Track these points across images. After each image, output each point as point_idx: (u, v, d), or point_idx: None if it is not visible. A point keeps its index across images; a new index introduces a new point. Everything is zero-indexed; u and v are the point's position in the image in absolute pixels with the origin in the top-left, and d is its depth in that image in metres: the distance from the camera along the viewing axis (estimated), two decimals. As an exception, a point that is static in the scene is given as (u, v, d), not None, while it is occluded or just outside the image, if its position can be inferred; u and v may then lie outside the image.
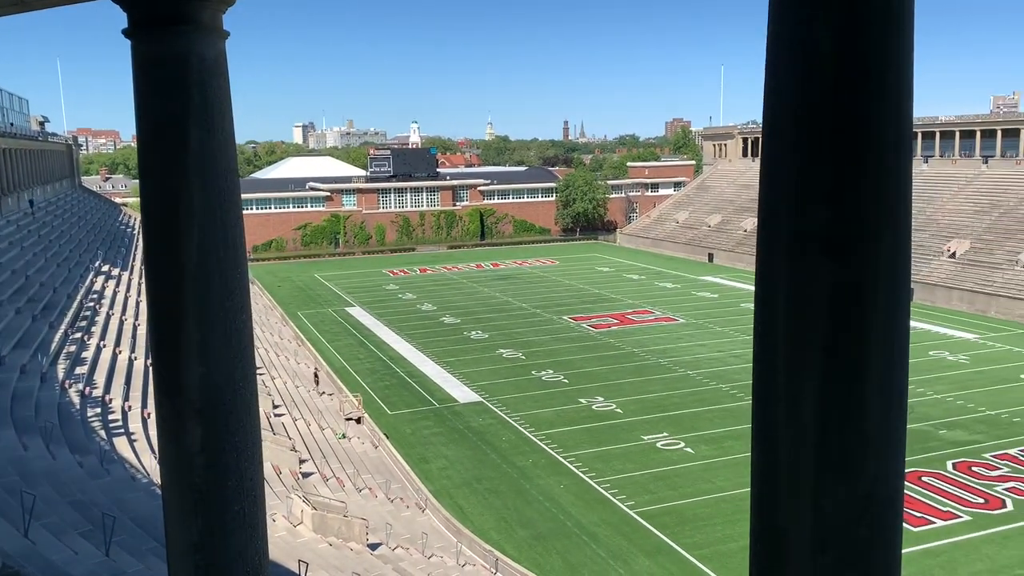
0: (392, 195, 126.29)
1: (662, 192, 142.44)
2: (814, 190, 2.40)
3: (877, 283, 2.34)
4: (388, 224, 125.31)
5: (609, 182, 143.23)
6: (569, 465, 37.91)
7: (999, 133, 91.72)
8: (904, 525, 12.70)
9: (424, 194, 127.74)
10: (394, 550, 26.42)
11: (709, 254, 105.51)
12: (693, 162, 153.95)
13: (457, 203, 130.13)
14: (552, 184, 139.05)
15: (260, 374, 43.77)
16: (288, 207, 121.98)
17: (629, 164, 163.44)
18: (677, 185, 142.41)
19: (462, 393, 49.59)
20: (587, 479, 36.26)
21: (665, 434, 41.52)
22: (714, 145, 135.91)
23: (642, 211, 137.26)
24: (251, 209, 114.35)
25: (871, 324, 2.33)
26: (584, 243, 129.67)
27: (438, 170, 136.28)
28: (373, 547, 25.86)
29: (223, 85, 4.91)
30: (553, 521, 32.35)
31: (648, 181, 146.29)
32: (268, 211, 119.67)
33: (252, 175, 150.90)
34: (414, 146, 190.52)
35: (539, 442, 40.97)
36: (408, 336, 65.21)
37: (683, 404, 46.36)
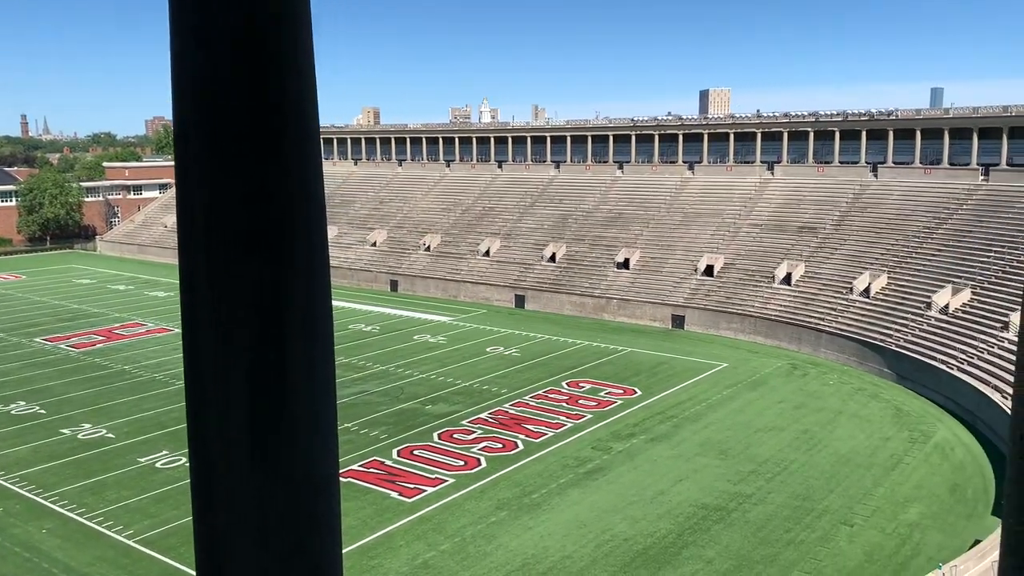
0: None
1: (146, 195, 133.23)
2: (228, 190, 2.35)
3: (296, 280, 2.40)
4: None
5: (84, 184, 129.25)
6: (52, 505, 33.43)
7: (456, 140, 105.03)
8: (400, 498, 13.74)
9: None
10: None
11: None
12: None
13: None
14: (12, 187, 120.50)
15: None
16: None
17: (106, 165, 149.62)
18: (163, 187, 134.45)
19: (-101, 444, 40.35)
20: (76, 517, 32.39)
21: (164, 452, 39.07)
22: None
23: (124, 215, 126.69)
24: None
25: (293, 318, 2.38)
26: (58, 253, 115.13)
27: None
28: None
29: None
30: (34, 572, 28.22)
31: (130, 183, 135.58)
32: None
33: None
34: None
35: (11, 486, 35.34)
36: None
37: (183, 418, 43.99)
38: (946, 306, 55.22)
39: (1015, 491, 3.19)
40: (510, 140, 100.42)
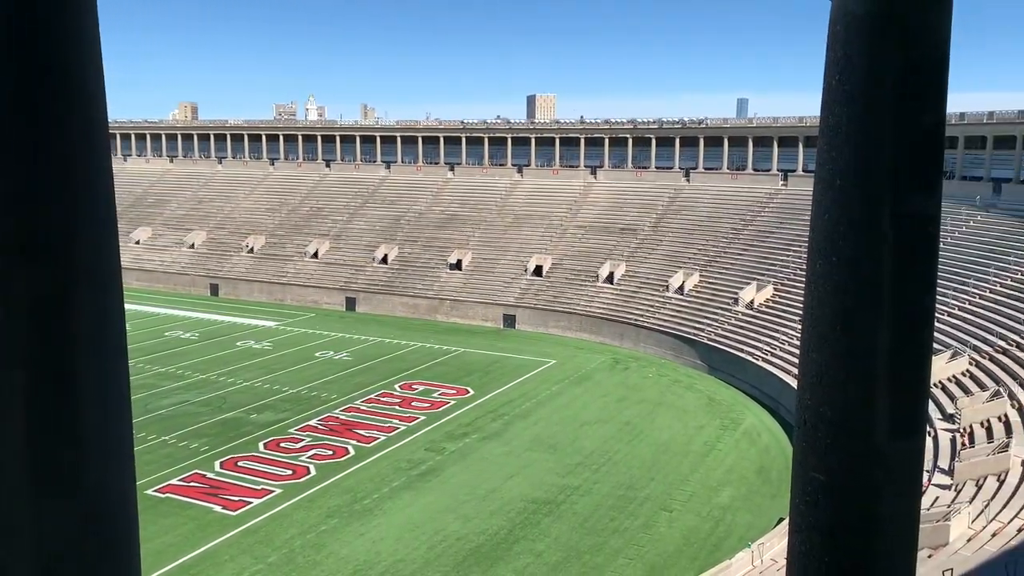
0: None
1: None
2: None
3: (81, 286, 2.22)
4: None
5: None
6: None
7: (281, 138, 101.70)
8: (224, 511, 13.03)
9: None
10: None
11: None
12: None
13: None
14: None
15: None
16: None
17: None
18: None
19: None
20: None
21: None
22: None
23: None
24: None
25: (78, 329, 2.20)
26: None
27: None
28: None
29: None
30: None
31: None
32: None
33: None
34: None
35: None
36: None
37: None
38: (751, 302, 59.56)
39: (799, 473, 3.47)
40: (338, 139, 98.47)
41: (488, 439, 41.63)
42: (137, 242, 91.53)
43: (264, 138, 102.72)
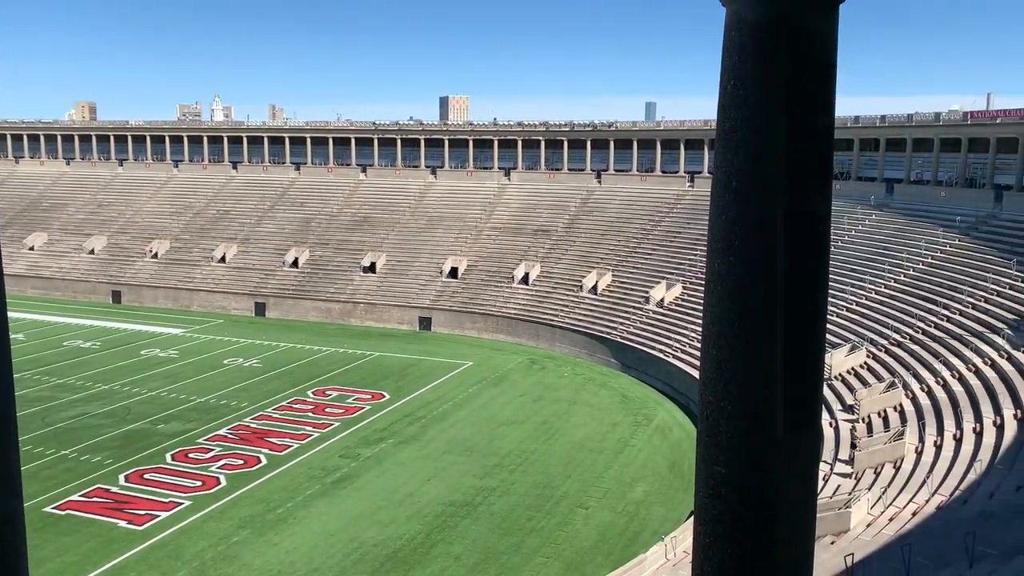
0: None
1: None
2: None
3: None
4: None
5: None
6: None
7: (186, 139, 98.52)
8: (129, 526, 12.52)
9: None
10: None
11: None
12: None
13: None
14: None
15: None
16: None
17: None
18: None
19: None
20: None
21: None
22: None
23: None
24: None
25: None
26: None
27: None
28: None
29: None
30: None
31: None
32: None
33: None
34: None
35: None
36: None
37: None
38: (661, 300, 60.90)
39: (702, 466, 3.56)
40: (245, 140, 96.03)
41: (404, 443, 41.31)
42: (32, 248, 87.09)
43: (167, 139, 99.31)
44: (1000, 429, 30.21)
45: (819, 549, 24.20)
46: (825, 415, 38.16)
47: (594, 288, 66.63)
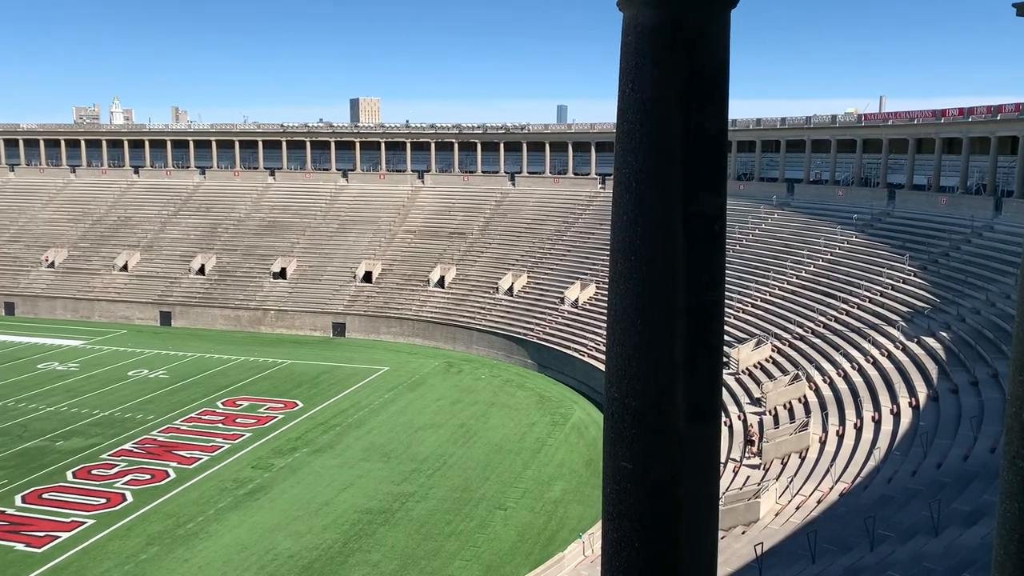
0: None
1: None
2: None
3: None
4: None
5: None
6: None
7: (83, 143, 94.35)
8: (28, 549, 11.98)
9: None
10: None
11: None
12: None
13: None
14: None
15: None
16: None
17: None
18: None
19: None
20: None
21: None
22: None
23: None
24: None
25: None
26: None
27: None
28: None
29: None
30: None
31: None
32: None
33: None
34: None
35: None
36: None
37: None
38: (576, 300, 61.65)
39: (609, 463, 3.62)
40: (147, 144, 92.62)
41: (319, 452, 40.59)
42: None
43: (63, 143, 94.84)
44: (897, 417, 31.74)
45: (731, 539, 24.92)
46: (734, 408, 39.35)
47: (510, 290, 66.93)
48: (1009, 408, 6.25)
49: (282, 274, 74.83)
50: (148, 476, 36.97)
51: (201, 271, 76.44)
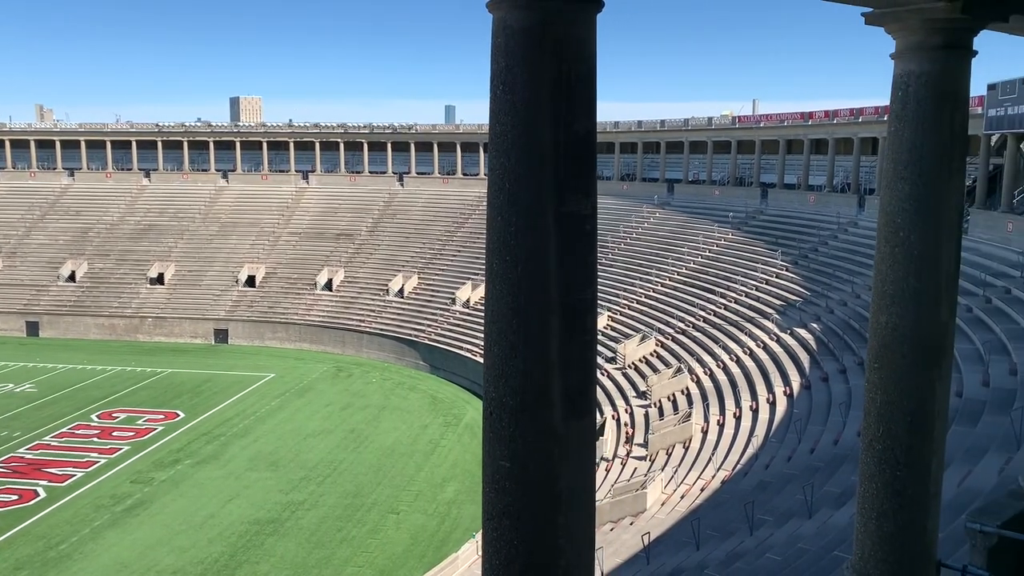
0: None
1: None
2: None
3: None
4: None
5: None
6: None
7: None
8: None
9: None
10: None
11: None
12: None
13: None
14: None
15: None
16: None
17: None
18: None
19: None
20: None
21: None
22: None
23: None
24: None
25: None
26: None
27: None
28: None
29: None
30: None
31: None
32: None
33: None
34: None
35: None
36: None
37: None
38: (467, 300, 61.71)
39: (487, 462, 3.64)
40: (8, 144, 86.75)
41: (203, 463, 39.12)
42: None
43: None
44: (773, 405, 33.28)
45: (619, 530, 25.53)
46: (621, 402, 40.31)
47: (401, 291, 66.36)
48: (866, 395, 6.63)
49: (159, 280, 71.69)
50: (15, 496, 34.73)
51: (71, 278, 72.32)
